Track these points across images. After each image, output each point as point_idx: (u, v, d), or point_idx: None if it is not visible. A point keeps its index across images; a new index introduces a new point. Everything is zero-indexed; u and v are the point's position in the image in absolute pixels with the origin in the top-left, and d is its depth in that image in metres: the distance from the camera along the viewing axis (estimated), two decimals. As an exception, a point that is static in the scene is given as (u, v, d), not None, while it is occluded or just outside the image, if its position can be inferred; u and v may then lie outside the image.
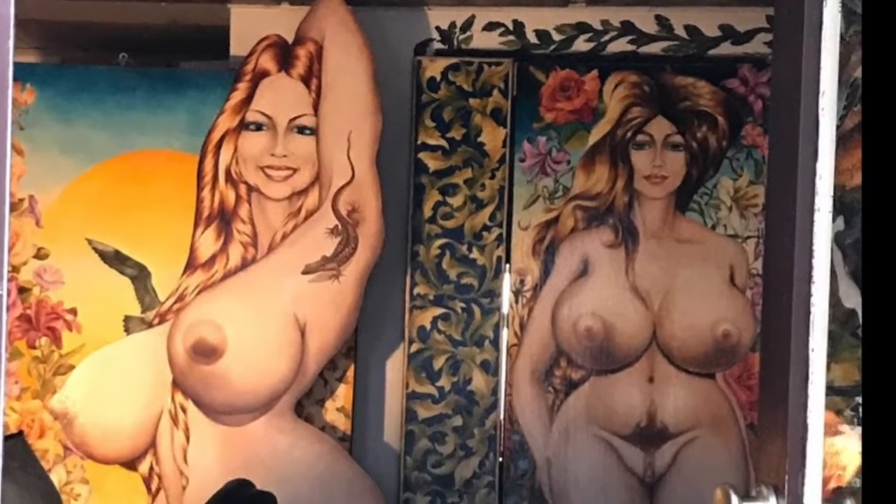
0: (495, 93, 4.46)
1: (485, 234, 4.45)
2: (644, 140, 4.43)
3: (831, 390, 1.96)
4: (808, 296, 1.94)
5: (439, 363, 4.44)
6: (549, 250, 4.42)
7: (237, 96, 4.30)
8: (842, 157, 1.98)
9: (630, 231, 4.41)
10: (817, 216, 1.93)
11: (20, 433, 3.90)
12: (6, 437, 3.45)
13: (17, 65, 1.66)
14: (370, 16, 4.36)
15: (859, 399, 2.00)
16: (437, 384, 4.44)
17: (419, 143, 4.47)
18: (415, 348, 4.45)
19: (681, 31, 4.48)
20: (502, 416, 4.44)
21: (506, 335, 4.45)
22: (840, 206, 2.01)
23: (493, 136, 4.45)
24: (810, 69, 1.96)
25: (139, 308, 4.33)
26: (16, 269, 4.28)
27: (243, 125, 4.29)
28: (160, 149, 4.36)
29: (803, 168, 1.96)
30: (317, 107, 4.27)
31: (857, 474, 2.05)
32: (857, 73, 2.04)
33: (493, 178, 4.45)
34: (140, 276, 4.33)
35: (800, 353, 1.94)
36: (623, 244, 4.41)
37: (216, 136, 4.29)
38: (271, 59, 4.29)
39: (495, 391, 4.44)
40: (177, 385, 4.25)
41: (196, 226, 4.28)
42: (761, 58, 4.37)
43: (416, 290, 4.45)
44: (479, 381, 4.44)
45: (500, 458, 4.44)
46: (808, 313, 1.94)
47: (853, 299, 2.06)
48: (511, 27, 4.51)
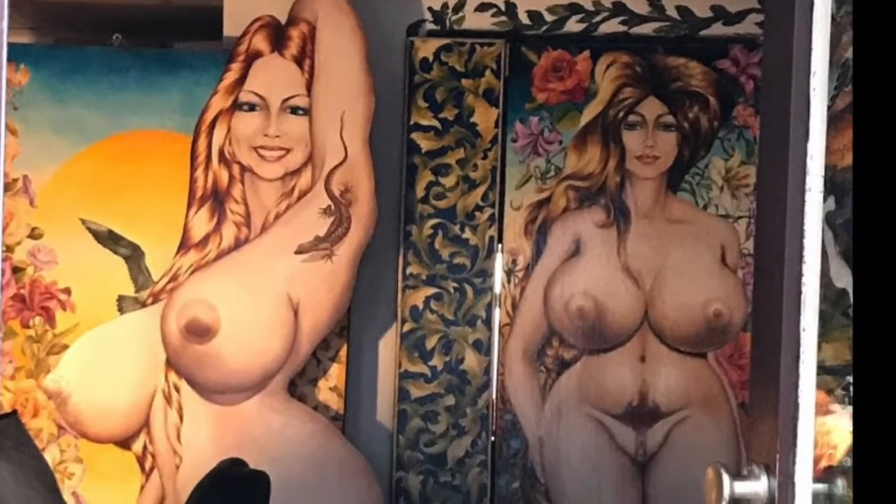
0: (487, 73, 4.45)
1: (477, 214, 4.44)
2: (636, 120, 4.43)
3: (822, 370, 1.95)
4: (800, 275, 1.92)
5: (432, 343, 4.44)
6: (542, 230, 4.43)
7: (230, 77, 4.29)
8: (833, 138, 1.96)
9: (622, 211, 4.41)
10: (808, 196, 1.91)
11: (14, 412, 3.89)
12: (0, 417, 3.46)
13: (10, 45, 1.67)
14: (363, -3, 4.36)
15: (850, 378, 1.97)
16: (430, 363, 4.44)
17: (412, 123, 4.46)
18: (407, 328, 4.45)
19: (672, 12, 4.48)
20: (494, 396, 4.44)
21: (498, 315, 4.45)
22: (831, 186, 1.98)
23: (485, 117, 4.45)
24: (801, 50, 1.94)
25: (133, 288, 4.31)
26: (10, 249, 4.27)
27: (236, 105, 4.28)
28: (154, 129, 4.35)
29: (794, 148, 1.94)
30: (310, 87, 4.26)
31: (848, 453, 2.02)
32: (848, 53, 1.99)
33: (485, 158, 4.44)
34: (134, 256, 4.31)
35: (791, 333, 1.93)
36: (615, 224, 4.41)
37: (209, 116, 4.28)
38: (264, 40, 4.28)
39: (487, 371, 4.44)
40: (170, 364, 4.25)
41: (189, 206, 4.28)
42: (753, 38, 4.37)
43: (408, 270, 4.45)
44: (471, 361, 4.44)
45: (493, 438, 4.45)
46: (799, 293, 1.92)
47: (844, 279, 2.04)
48: (503, 8, 4.50)
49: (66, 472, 4.29)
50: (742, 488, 1.99)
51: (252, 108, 4.28)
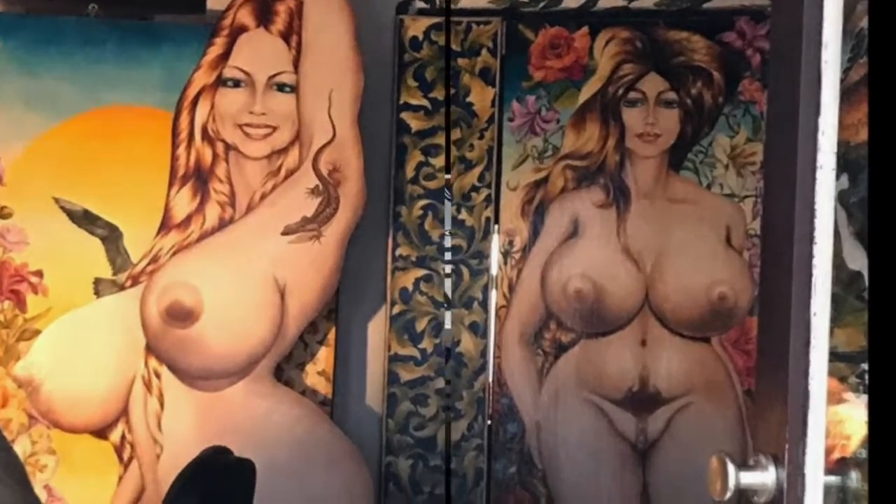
0: (484, 52, 4.42)
1: (473, 194, 4.41)
2: (636, 97, 4.38)
3: (835, 356, 1.94)
4: (810, 257, 1.90)
5: (422, 325, 4.42)
6: (539, 211, 4.39)
7: (214, 51, 4.23)
8: (846, 112, 1.94)
9: (622, 191, 4.37)
10: (819, 174, 1.90)
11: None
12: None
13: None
14: (351, -29, 4.32)
15: (865, 366, 1.96)
16: (420, 346, 4.42)
17: (401, 102, 4.43)
18: (397, 310, 4.42)
19: (674, -16, 4.43)
20: (491, 379, 4.41)
21: (494, 297, 4.42)
22: (844, 164, 1.96)
23: (481, 96, 4.42)
24: (812, 20, 1.93)
25: (110, 270, 4.24)
26: (-24, 230, 4.23)
27: (220, 81, 4.22)
28: (133, 105, 4.28)
29: (805, 124, 1.93)
30: (297, 64, 4.22)
31: (862, 444, 2.01)
32: (863, 22, 1.98)
33: (481, 138, 4.41)
34: (111, 237, 4.23)
35: (801, 317, 1.91)
36: (614, 204, 4.37)
37: (192, 92, 4.22)
38: (250, 14, 4.23)
39: (484, 353, 4.42)
40: (150, 350, 4.18)
41: (171, 185, 4.22)
42: (759, 9, 4.30)
43: (398, 252, 4.42)
44: (467, 343, 4.41)
45: (489, 421, 4.42)
46: (809, 275, 1.90)
47: (859, 261, 2.04)
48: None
49: (37, 464, 4.22)
50: (748, 479, 1.99)
51: (237, 84, 4.23)
